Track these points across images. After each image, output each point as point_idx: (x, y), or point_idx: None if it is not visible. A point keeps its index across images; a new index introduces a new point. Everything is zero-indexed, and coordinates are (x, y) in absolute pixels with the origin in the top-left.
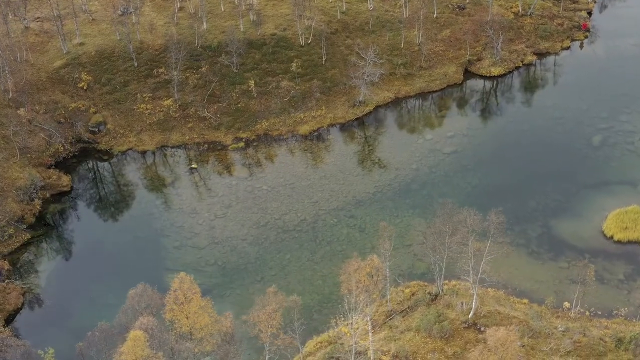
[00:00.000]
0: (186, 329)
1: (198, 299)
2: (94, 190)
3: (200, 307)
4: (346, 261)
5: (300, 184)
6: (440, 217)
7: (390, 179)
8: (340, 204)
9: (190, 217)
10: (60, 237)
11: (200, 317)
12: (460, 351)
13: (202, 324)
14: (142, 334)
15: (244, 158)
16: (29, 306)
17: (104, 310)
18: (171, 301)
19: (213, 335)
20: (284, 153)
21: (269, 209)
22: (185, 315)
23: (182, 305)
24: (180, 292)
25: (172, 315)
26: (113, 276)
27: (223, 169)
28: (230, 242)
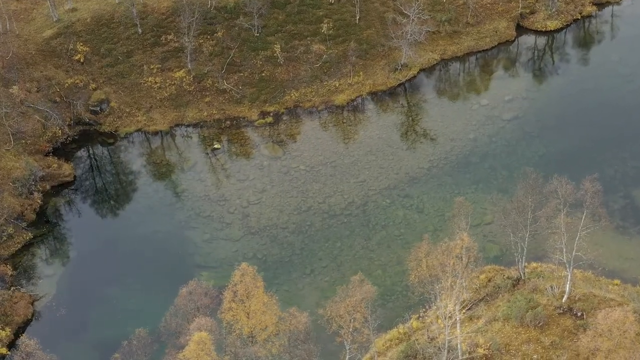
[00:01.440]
0: (247, 330)
1: (261, 293)
2: (101, 180)
3: (263, 303)
4: (415, 245)
5: (342, 162)
6: (522, 189)
7: (446, 152)
8: (391, 183)
9: (219, 205)
10: (66, 236)
11: (264, 315)
12: (558, 340)
13: (267, 323)
14: (207, 336)
15: (274, 135)
16: (40, 316)
17: (126, 317)
18: (229, 298)
19: (279, 336)
20: (320, 127)
21: (310, 191)
22: (247, 314)
23: (243, 303)
24: (241, 286)
25: (231, 315)
26: (132, 278)
27: (251, 148)
28: (269, 231)
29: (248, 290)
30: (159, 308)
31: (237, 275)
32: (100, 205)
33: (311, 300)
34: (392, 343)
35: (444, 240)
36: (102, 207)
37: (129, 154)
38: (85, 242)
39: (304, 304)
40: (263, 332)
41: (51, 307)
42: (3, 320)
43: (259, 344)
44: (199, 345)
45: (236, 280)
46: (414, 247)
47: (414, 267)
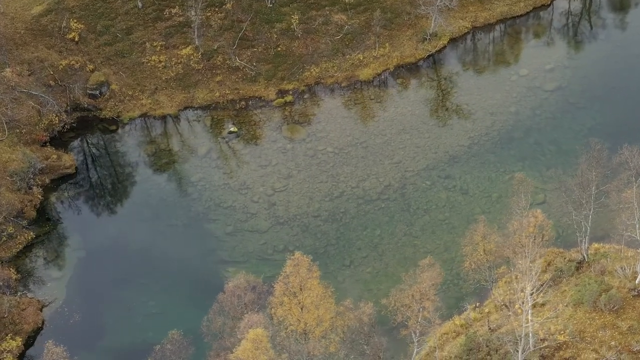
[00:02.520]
0: (301, 326)
1: (317, 285)
2: (105, 171)
3: (319, 295)
4: (470, 227)
5: (374, 142)
6: (586, 162)
7: (486, 127)
8: (430, 163)
9: (240, 194)
10: (71, 234)
11: (319, 308)
12: (637, 325)
13: (324, 317)
14: (263, 333)
15: (295, 115)
16: (52, 324)
17: (147, 321)
18: (280, 292)
19: (336, 331)
20: (345, 105)
21: (341, 175)
22: (300, 308)
23: (296, 296)
24: (295, 278)
25: (284, 311)
26: (149, 278)
27: (271, 131)
28: (299, 220)
29: (302, 282)
30: (184, 309)
31: (290, 265)
32: (107, 199)
33: (353, 293)
34: (449, 336)
35: (516, 219)
36: (108, 200)
37: (134, 141)
38: (93, 240)
39: (346, 298)
40: (317, 327)
41: (63, 313)
42: (12, 329)
43: (315, 341)
44: (254, 344)
45: (289, 271)
46: (469, 230)
47: (469, 253)
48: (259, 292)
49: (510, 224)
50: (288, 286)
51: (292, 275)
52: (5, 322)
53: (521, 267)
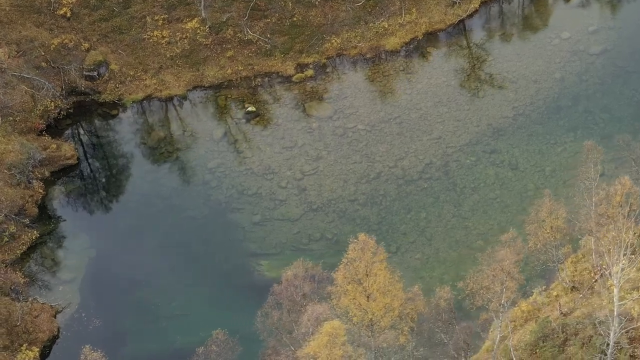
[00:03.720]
0: (368, 316)
1: (383, 270)
2: (110, 161)
3: (385, 280)
4: (534, 203)
5: (409, 117)
6: None
7: (531, 96)
8: (472, 137)
9: (266, 180)
10: (79, 232)
11: (386, 296)
12: None
13: (393, 305)
14: (340, 325)
15: (319, 91)
16: (68, 331)
17: (172, 324)
18: (343, 279)
19: (405, 320)
20: (373, 78)
21: (376, 155)
22: (366, 296)
23: (361, 283)
24: (361, 263)
25: (349, 300)
26: (168, 277)
27: (293, 109)
28: (334, 206)
29: (368, 268)
30: (213, 309)
31: (354, 249)
32: (114, 191)
33: (404, 282)
34: (517, 324)
35: (602, 187)
36: (116, 193)
37: (139, 126)
38: (102, 237)
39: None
40: (384, 317)
41: (80, 319)
42: (26, 338)
43: (383, 332)
44: (330, 338)
45: (353, 256)
46: (533, 207)
47: (533, 231)
48: (318, 281)
49: (580, 196)
50: (352, 273)
51: (356, 261)
52: (18, 331)
53: (608, 240)
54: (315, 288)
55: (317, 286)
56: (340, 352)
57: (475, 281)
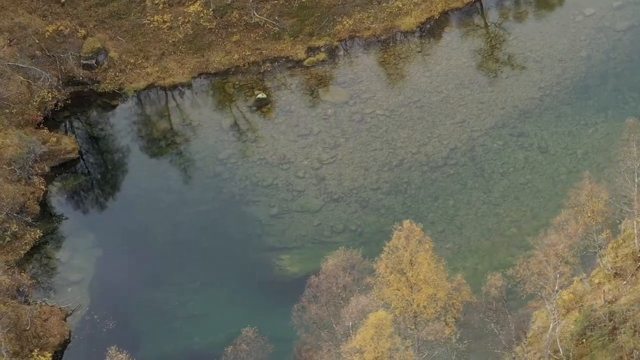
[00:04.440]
0: (413, 308)
1: (429, 259)
2: (112, 155)
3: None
4: (575, 186)
5: (429, 100)
6: None
7: (557, 76)
8: (498, 120)
9: (282, 170)
10: (83, 230)
11: (429, 286)
12: None
13: (438, 296)
14: (386, 315)
15: (332, 75)
16: (80, 335)
17: (188, 325)
18: (385, 270)
19: (450, 311)
20: (389, 60)
21: (397, 140)
22: (410, 287)
23: (404, 274)
24: (405, 252)
25: (392, 291)
26: (182, 275)
27: (306, 95)
28: (356, 195)
29: (412, 257)
30: (232, 307)
31: (399, 238)
32: (118, 186)
33: None
34: (559, 314)
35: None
36: (120, 189)
37: (142, 117)
38: (109, 235)
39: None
40: (428, 308)
41: (92, 322)
42: (36, 343)
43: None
44: (377, 330)
45: (398, 244)
46: (572, 190)
47: (572, 216)
48: (358, 271)
49: (622, 177)
50: (395, 262)
51: (400, 249)
52: (28, 336)
53: None
54: (356, 279)
55: (358, 277)
56: (388, 344)
57: (526, 267)
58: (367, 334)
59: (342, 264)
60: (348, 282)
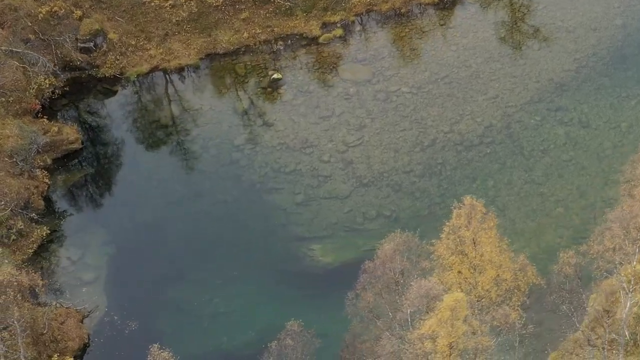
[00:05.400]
0: (478, 291)
1: (493, 238)
2: (117, 144)
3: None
4: (632, 159)
5: (458, 76)
6: None
7: (592, 46)
8: (533, 95)
9: (304, 154)
10: (92, 226)
11: (492, 267)
12: None
13: (503, 277)
14: (463, 296)
15: (350, 52)
16: (99, 337)
17: (215, 324)
18: (445, 251)
19: (515, 293)
20: (410, 35)
21: (427, 119)
22: (472, 268)
23: (465, 255)
24: (467, 231)
25: (452, 275)
26: (203, 271)
27: (324, 73)
28: (388, 179)
29: (475, 236)
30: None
31: (460, 216)
32: (126, 178)
33: None
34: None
35: None
36: (128, 180)
37: (146, 103)
38: (120, 231)
39: None
40: (490, 292)
41: (112, 323)
42: (54, 347)
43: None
44: (453, 312)
45: (458, 223)
46: (627, 164)
47: (627, 192)
48: (416, 255)
49: None
50: (456, 242)
51: (462, 228)
52: (45, 340)
53: None
54: (414, 263)
55: (415, 261)
56: (464, 327)
57: (599, 243)
58: (442, 317)
59: (399, 247)
60: (405, 266)
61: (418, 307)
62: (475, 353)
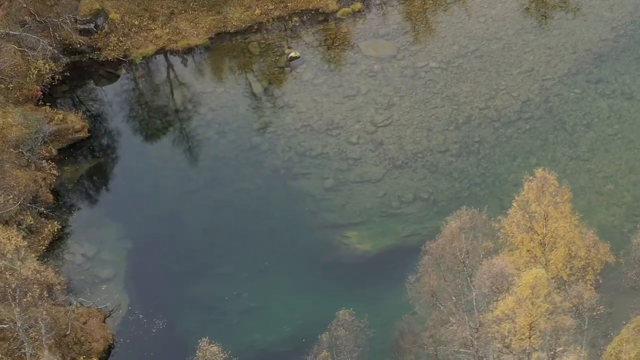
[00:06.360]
0: (552, 270)
1: (567, 212)
2: (125, 133)
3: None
4: None
5: (489, 49)
6: None
7: (630, 13)
8: (571, 66)
9: (331, 136)
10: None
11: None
12: None
13: (578, 254)
14: (543, 272)
15: (372, 27)
16: (124, 337)
17: (246, 320)
18: (512, 226)
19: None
20: (435, 7)
21: (460, 95)
22: (543, 246)
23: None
24: (539, 206)
25: (521, 253)
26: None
27: (345, 51)
28: (422, 160)
29: (547, 211)
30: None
31: (530, 190)
32: (140, 168)
33: None
34: None
35: None
36: (140, 170)
37: (154, 86)
38: (136, 224)
39: None
40: (561, 270)
41: (137, 323)
42: (78, 350)
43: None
44: (533, 290)
45: (529, 196)
46: None
47: None
48: (483, 233)
49: None
50: (526, 218)
51: (533, 203)
52: (68, 342)
53: None
54: (480, 241)
55: (482, 239)
56: (546, 306)
57: None
58: (521, 295)
59: (465, 225)
60: (473, 245)
61: (490, 287)
62: (556, 333)
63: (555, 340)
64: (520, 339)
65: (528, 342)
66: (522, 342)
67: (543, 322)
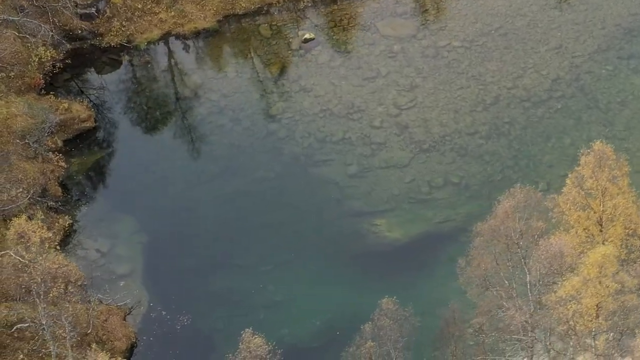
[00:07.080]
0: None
1: (625, 187)
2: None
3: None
4: None
5: (514, 26)
6: None
7: None
8: (600, 43)
9: (352, 120)
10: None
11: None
12: None
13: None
14: (612, 250)
15: (387, 5)
16: (147, 335)
17: (273, 315)
18: (567, 203)
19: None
20: None
21: (486, 75)
22: (600, 224)
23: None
24: (596, 181)
25: (579, 231)
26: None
27: (362, 31)
28: (451, 143)
29: (604, 186)
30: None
31: (587, 165)
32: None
33: None
34: None
35: None
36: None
37: (162, 73)
38: (151, 217)
39: None
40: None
41: (159, 320)
42: (100, 348)
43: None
44: (601, 269)
45: (584, 173)
46: None
47: None
48: (538, 212)
49: None
50: (582, 195)
51: (590, 179)
52: (90, 341)
53: None
54: (534, 221)
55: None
56: (614, 285)
57: None
58: (588, 274)
59: (519, 204)
60: (526, 226)
61: (549, 268)
62: (625, 313)
63: (623, 320)
64: (588, 321)
65: (595, 323)
66: (590, 323)
67: (611, 302)
